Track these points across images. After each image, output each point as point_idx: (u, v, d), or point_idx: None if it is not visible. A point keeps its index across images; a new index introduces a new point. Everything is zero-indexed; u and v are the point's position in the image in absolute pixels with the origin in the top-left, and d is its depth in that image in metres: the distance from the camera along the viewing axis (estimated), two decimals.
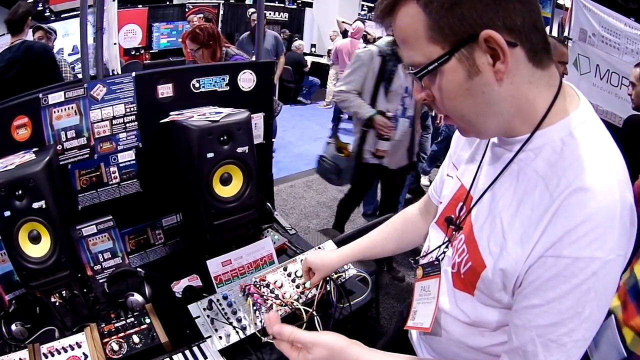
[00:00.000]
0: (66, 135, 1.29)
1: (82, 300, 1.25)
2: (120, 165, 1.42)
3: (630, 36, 3.28)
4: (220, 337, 1.11)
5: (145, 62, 6.77)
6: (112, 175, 1.41)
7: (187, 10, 7.70)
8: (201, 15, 7.29)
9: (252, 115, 1.43)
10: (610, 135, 0.64)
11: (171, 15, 7.52)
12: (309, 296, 1.22)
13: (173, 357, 1.07)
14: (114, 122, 1.37)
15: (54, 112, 1.25)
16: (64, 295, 1.22)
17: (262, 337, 1.05)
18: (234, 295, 1.21)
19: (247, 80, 1.62)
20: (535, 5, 0.58)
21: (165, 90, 1.44)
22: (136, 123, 1.41)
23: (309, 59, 8.25)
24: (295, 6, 10.02)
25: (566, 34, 3.64)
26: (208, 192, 1.32)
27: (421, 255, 0.93)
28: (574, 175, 0.59)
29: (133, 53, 6.80)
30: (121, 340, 1.08)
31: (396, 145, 2.41)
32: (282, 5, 9.86)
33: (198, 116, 1.36)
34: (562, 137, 0.62)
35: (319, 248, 1.39)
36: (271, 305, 1.19)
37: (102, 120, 1.34)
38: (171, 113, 1.43)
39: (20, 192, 1.03)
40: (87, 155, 1.35)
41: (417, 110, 2.47)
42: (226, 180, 1.36)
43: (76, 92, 1.28)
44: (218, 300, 1.19)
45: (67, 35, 4.98)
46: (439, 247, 0.83)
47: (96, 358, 1.03)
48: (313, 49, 9.67)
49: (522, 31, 0.57)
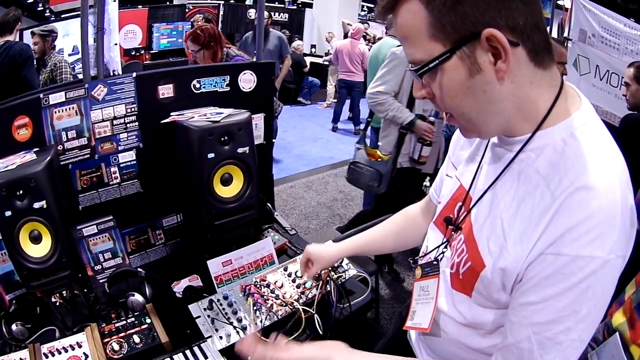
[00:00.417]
0: (67, 135, 1.29)
1: (83, 300, 1.25)
2: (120, 165, 1.42)
3: (629, 37, 3.28)
4: (220, 337, 1.11)
5: (145, 63, 6.77)
6: (113, 175, 1.41)
7: (187, 10, 7.71)
8: (201, 15, 7.30)
9: (253, 115, 1.43)
10: (611, 136, 0.64)
11: (171, 15, 7.52)
12: (309, 296, 1.22)
13: (173, 357, 1.07)
14: (115, 123, 1.37)
15: (55, 112, 1.25)
16: (65, 295, 1.22)
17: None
18: (235, 295, 1.21)
19: (248, 80, 1.62)
20: (537, 5, 0.58)
21: (165, 90, 1.44)
22: (137, 123, 1.41)
23: (309, 60, 8.26)
24: (295, 7, 10.04)
25: (566, 35, 3.64)
26: (208, 193, 1.32)
27: (420, 255, 0.93)
28: (576, 174, 0.59)
29: (133, 53, 6.79)
30: (122, 340, 1.08)
31: (434, 148, 2.33)
32: (282, 5, 9.88)
33: (199, 116, 1.37)
34: (564, 138, 0.62)
35: None
36: (272, 305, 1.19)
37: (103, 120, 1.35)
38: (172, 113, 1.43)
39: (21, 192, 1.03)
40: (88, 155, 1.35)
41: None
42: (227, 180, 1.37)
43: (77, 93, 1.28)
44: (218, 300, 1.19)
45: (67, 35, 4.96)
46: (438, 248, 0.83)
47: (97, 358, 1.03)
48: (313, 50, 9.68)
49: (524, 31, 0.57)
